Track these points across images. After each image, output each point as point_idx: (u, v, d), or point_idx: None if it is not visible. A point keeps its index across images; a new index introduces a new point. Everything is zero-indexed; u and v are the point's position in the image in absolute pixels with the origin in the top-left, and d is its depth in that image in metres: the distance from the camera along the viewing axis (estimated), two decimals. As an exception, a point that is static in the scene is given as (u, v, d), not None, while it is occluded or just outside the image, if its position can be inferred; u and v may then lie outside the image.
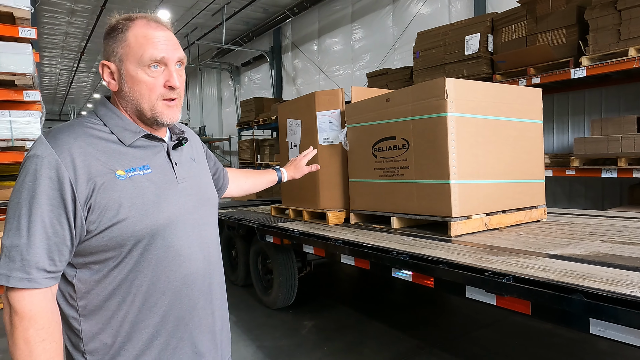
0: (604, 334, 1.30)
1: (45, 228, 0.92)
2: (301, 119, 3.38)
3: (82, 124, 1.03)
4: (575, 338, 3.07)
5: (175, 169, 1.10)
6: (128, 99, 1.05)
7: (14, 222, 0.93)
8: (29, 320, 0.92)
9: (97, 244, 0.97)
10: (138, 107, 1.05)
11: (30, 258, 0.91)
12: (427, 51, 5.60)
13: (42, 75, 17.47)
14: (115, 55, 1.04)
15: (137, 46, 1.02)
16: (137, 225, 0.98)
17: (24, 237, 0.91)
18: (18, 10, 4.17)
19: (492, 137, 2.54)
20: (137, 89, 1.03)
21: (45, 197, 0.92)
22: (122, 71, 1.04)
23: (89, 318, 1.00)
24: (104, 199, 0.96)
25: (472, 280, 1.66)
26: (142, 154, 1.05)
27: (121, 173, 0.99)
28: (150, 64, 1.02)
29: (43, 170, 0.93)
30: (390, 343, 3.15)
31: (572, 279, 1.45)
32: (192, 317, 1.09)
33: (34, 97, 4.23)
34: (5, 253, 0.92)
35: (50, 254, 0.93)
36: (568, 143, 5.46)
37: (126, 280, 1.00)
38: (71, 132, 0.99)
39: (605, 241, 2.11)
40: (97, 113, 1.08)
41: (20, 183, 0.94)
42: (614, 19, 4.01)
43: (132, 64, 1.02)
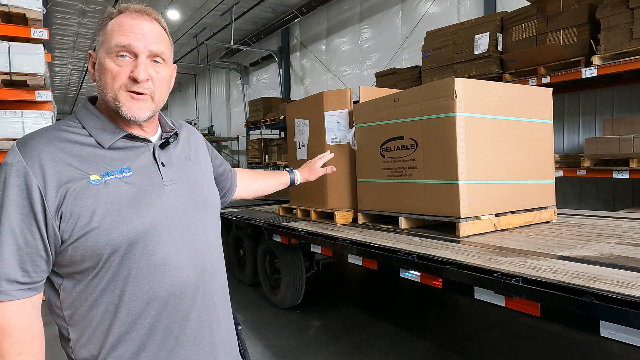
0: (614, 337, 1.28)
1: (16, 238, 0.88)
2: (309, 118, 3.38)
3: (56, 128, 0.97)
4: (585, 340, 3.03)
5: (162, 170, 1.03)
6: (99, 90, 1.00)
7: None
8: (3, 334, 0.88)
9: (73, 253, 0.92)
10: (104, 98, 0.98)
11: (1, 270, 0.87)
12: (436, 51, 5.57)
13: (54, 76, 17.68)
14: (97, 43, 1.01)
15: (110, 34, 0.98)
16: (111, 233, 0.92)
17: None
18: (30, 12, 4.23)
19: (501, 137, 2.52)
20: (103, 77, 0.97)
21: (14, 206, 0.88)
22: (97, 59, 1.00)
23: (76, 328, 0.96)
24: (76, 206, 0.90)
25: (480, 281, 1.65)
26: (122, 156, 0.99)
27: (95, 178, 0.93)
28: (117, 52, 0.96)
29: (11, 179, 0.89)
30: (398, 344, 3.14)
31: (583, 280, 1.44)
32: (183, 329, 1.01)
33: (45, 97, 4.29)
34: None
35: (22, 264, 0.89)
36: (579, 143, 5.40)
37: (107, 291, 0.94)
38: (42, 138, 0.94)
39: (617, 243, 2.08)
40: (76, 115, 1.02)
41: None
42: (626, 17, 3.96)
43: (103, 52, 0.98)
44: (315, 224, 3.19)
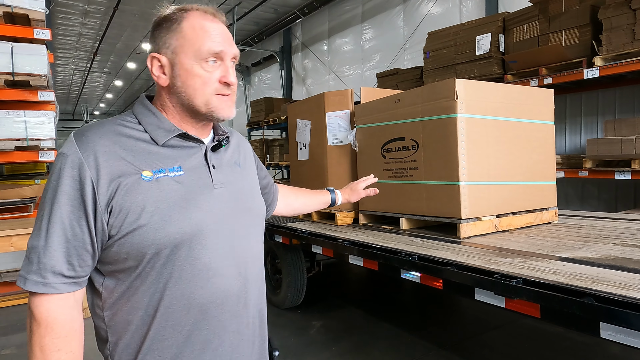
0: (615, 339, 1.28)
1: (65, 230, 0.87)
2: (311, 119, 3.38)
3: (113, 122, 0.97)
4: (587, 342, 3.03)
5: (212, 173, 1.00)
6: (180, 95, 0.97)
7: (37, 222, 0.89)
8: (46, 328, 0.86)
9: (118, 250, 0.90)
10: (191, 103, 0.97)
11: (47, 261, 0.86)
12: (438, 51, 5.57)
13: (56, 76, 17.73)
14: (168, 47, 0.96)
15: (194, 38, 0.95)
16: (158, 232, 0.89)
17: (42, 239, 0.87)
18: (33, 12, 4.25)
19: (502, 138, 2.52)
20: (191, 83, 0.95)
21: (66, 197, 0.87)
22: (175, 64, 0.96)
23: (115, 330, 0.94)
24: (126, 201, 0.88)
25: (480, 282, 1.66)
26: (175, 154, 0.97)
27: (148, 174, 0.91)
28: (207, 58, 0.95)
29: (66, 170, 0.88)
30: (398, 344, 3.14)
31: (583, 282, 1.44)
32: (222, 341, 0.97)
33: (48, 97, 4.30)
34: (26, 254, 0.89)
35: (69, 257, 0.87)
36: (581, 144, 5.39)
37: (147, 293, 0.92)
38: (98, 130, 0.93)
39: (618, 244, 2.08)
40: (133, 111, 1.01)
41: (47, 182, 0.90)
42: (629, 18, 3.95)
43: (188, 57, 0.95)
44: (317, 225, 3.19)
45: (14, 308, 4.15)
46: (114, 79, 19.28)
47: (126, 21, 11.62)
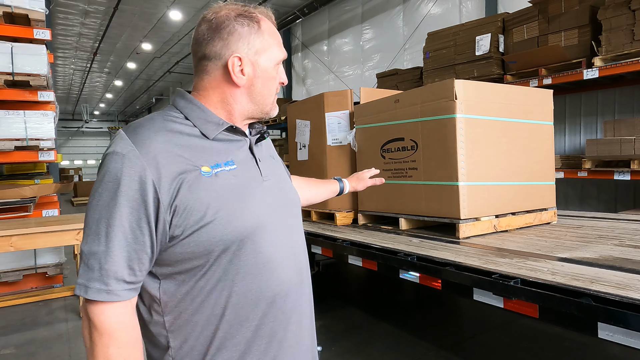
0: (612, 339, 1.28)
1: (125, 234, 0.82)
2: (310, 119, 3.39)
3: (161, 118, 0.93)
4: (587, 342, 3.03)
5: (260, 166, 1.00)
6: (254, 95, 0.99)
7: (92, 227, 0.83)
8: (109, 337, 0.82)
9: (182, 250, 0.86)
10: (261, 102, 1.00)
11: (109, 267, 0.82)
12: (438, 51, 5.57)
13: (56, 76, 17.74)
14: (252, 48, 0.96)
15: (272, 42, 0.98)
16: (226, 228, 0.87)
17: (102, 244, 0.82)
18: (33, 12, 4.26)
19: (501, 138, 2.52)
20: (268, 84, 0.99)
21: (125, 199, 0.82)
22: (257, 66, 0.97)
23: (178, 334, 0.90)
24: (190, 199, 0.85)
25: (479, 282, 1.66)
26: (225, 148, 0.95)
27: (206, 169, 0.88)
28: (279, 62, 1.01)
29: (124, 169, 0.83)
30: (398, 344, 3.15)
31: (581, 282, 1.44)
32: (286, 334, 0.96)
33: (47, 97, 4.31)
34: (84, 261, 0.83)
35: (130, 262, 0.83)
36: (580, 144, 5.40)
37: (214, 291, 0.89)
38: (152, 126, 0.89)
39: (616, 244, 2.08)
40: (176, 105, 0.97)
41: (99, 183, 0.84)
42: (628, 19, 3.96)
43: (269, 60, 0.98)
44: (316, 225, 3.19)
45: (13, 308, 4.15)
46: (114, 79, 19.28)
47: (126, 21, 11.63)
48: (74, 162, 32.97)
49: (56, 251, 4.64)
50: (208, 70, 0.97)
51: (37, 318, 3.86)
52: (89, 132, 34.09)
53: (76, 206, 14.10)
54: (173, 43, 13.58)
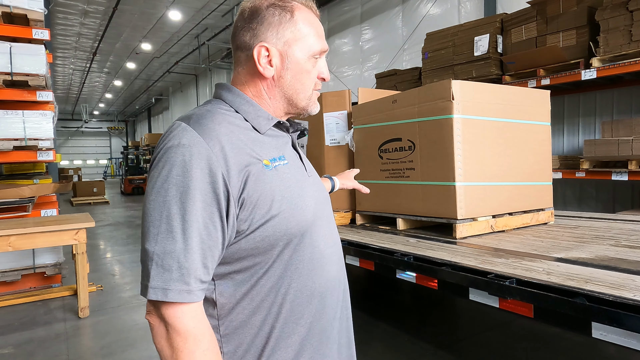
0: (606, 338, 1.29)
1: (200, 230, 0.78)
2: (308, 119, 3.39)
3: (218, 110, 0.89)
4: (583, 342, 3.04)
5: (304, 161, 1.00)
6: (285, 88, 0.94)
7: (162, 224, 0.77)
8: (194, 341, 0.77)
9: (246, 246, 0.83)
10: (294, 97, 0.95)
11: (189, 266, 0.77)
12: (436, 52, 5.58)
13: (55, 76, 17.74)
14: (280, 38, 0.91)
15: (307, 32, 0.93)
16: (290, 221, 0.85)
17: (179, 241, 0.76)
18: (32, 12, 4.26)
19: (498, 139, 2.53)
20: (300, 77, 0.94)
21: (198, 192, 0.78)
22: (287, 57, 0.92)
23: (232, 338, 0.86)
24: (256, 192, 0.82)
25: (475, 282, 1.67)
26: (276, 144, 0.93)
27: (267, 162, 0.86)
28: (316, 55, 0.94)
29: (193, 161, 0.78)
30: (395, 344, 3.15)
31: (576, 282, 1.45)
32: (332, 329, 0.95)
33: (46, 97, 4.31)
34: (156, 262, 0.77)
35: (204, 260, 0.79)
36: (578, 145, 5.40)
37: (274, 289, 0.86)
38: (214, 118, 0.86)
39: (612, 245, 2.09)
40: (224, 99, 0.94)
41: (164, 178, 0.79)
42: (626, 19, 3.97)
43: (302, 51, 0.93)
44: (314, 225, 3.20)
45: (11, 308, 4.15)
46: (114, 79, 19.29)
47: (125, 21, 11.63)
48: (73, 162, 32.99)
49: (55, 251, 4.64)
50: (240, 61, 0.96)
51: (36, 318, 3.86)
52: (89, 132, 34.08)
53: (75, 206, 14.09)
54: (172, 43, 13.59)
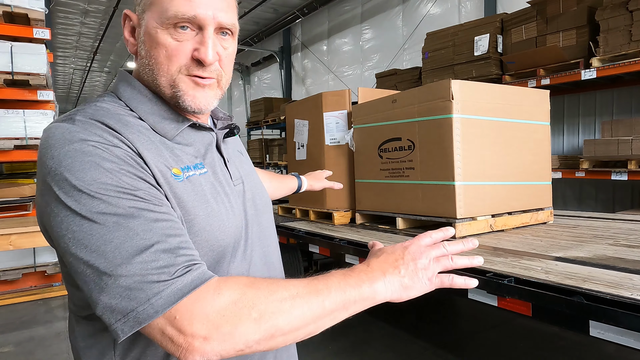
0: (603, 337, 1.30)
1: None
2: (308, 119, 3.40)
3: (111, 109, 0.74)
4: (582, 341, 3.05)
5: (229, 167, 0.85)
6: (146, 68, 0.76)
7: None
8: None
9: None
10: (155, 81, 0.76)
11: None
12: (436, 52, 5.59)
13: (56, 75, 17.75)
14: (139, 2, 0.75)
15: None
16: (201, 245, 0.73)
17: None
18: (32, 12, 4.27)
19: (498, 138, 2.53)
20: (154, 53, 0.74)
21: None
22: (139, 26, 0.76)
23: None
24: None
25: (474, 281, 1.67)
26: (190, 149, 0.79)
27: (177, 172, 0.73)
28: (176, 23, 0.72)
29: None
30: (395, 343, 3.16)
31: (574, 281, 1.45)
32: (264, 355, 0.87)
33: (47, 96, 4.33)
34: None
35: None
36: (578, 145, 5.41)
37: None
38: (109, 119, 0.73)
39: (611, 244, 2.10)
40: (118, 95, 0.78)
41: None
42: (626, 19, 3.97)
43: (153, 19, 0.73)
44: (314, 224, 3.21)
45: (12, 306, 4.17)
46: (114, 78, 19.30)
47: (126, 21, 11.63)
48: (73, 162, 32.99)
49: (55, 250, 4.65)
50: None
51: (36, 316, 3.88)
52: (89, 131, 34.07)
53: (76, 205, 14.10)
54: (173, 42, 13.56)
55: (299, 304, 0.65)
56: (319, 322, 0.67)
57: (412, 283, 0.74)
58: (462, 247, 0.80)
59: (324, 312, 0.67)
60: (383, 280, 0.72)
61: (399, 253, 0.77)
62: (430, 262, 0.76)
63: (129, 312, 0.60)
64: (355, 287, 0.71)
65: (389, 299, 0.73)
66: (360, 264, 0.76)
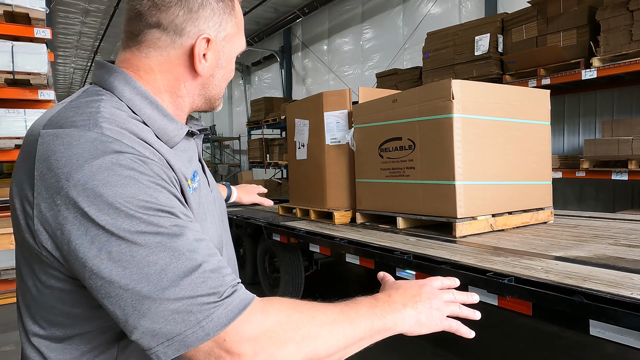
0: (603, 336, 1.30)
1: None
2: (309, 119, 3.40)
3: (130, 120, 0.70)
4: (582, 341, 3.05)
5: (207, 174, 0.88)
6: (210, 87, 0.80)
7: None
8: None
9: None
10: (216, 97, 0.83)
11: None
12: (437, 51, 5.59)
13: (56, 74, 17.75)
14: (222, 31, 0.77)
15: (241, 28, 0.82)
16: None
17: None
18: (33, 11, 4.28)
19: (498, 138, 2.54)
20: (228, 78, 0.83)
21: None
22: (223, 53, 0.79)
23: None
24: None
25: (474, 280, 1.68)
26: (187, 157, 0.80)
27: (190, 183, 0.74)
28: (239, 54, 0.84)
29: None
30: (394, 343, 3.16)
31: (574, 280, 1.46)
32: None
33: (48, 96, 4.33)
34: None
35: None
36: (579, 144, 5.41)
37: None
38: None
39: (611, 244, 2.10)
40: (118, 95, 0.72)
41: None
42: (626, 19, 3.97)
43: (233, 49, 0.81)
44: (314, 224, 3.21)
45: (13, 306, 4.16)
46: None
47: (127, 20, 11.63)
48: (74, 161, 32.97)
49: (56, 249, 4.66)
50: (160, 45, 0.74)
51: (37, 315, 3.89)
52: (90, 130, 34.05)
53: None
54: (173, 42, 13.56)
55: (335, 330, 0.67)
56: (348, 349, 0.69)
57: (426, 320, 0.78)
58: (466, 299, 0.85)
59: (354, 340, 0.69)
60: (403, 313, 0.76)
61: (416, 290, 0.81)
62: (442, 305, 0.80)
63: (175, 335, 0.58)
64: (381, 318, 0.73)
65: (405, 331, 0.77)
66: (381, 294, 0.82)
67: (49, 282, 0.67)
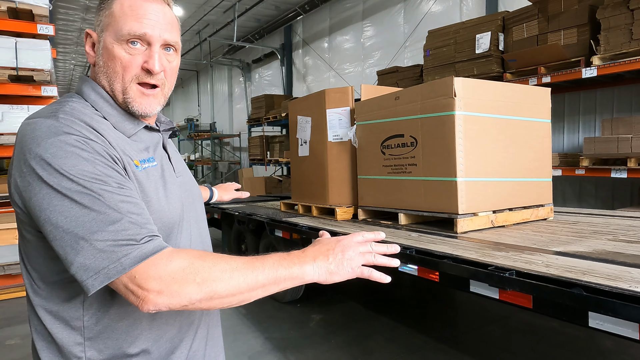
0: (602, 327, 1.34)
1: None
2: (311, 116, 3.43)
3: (87, 111, 0.90)
4: (582, 336, 3.09)
5: (172, 162, 1.04)
6: (103, 76, 0.93)
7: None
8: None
9: None
10: (112, 87, 0.93)
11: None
12: (438, 49, 5.61)
13: (57, 71, 17.73)
14: (99, 24, 0.93)
15: (120, 16, 0.90)
16: (156, 222, 0.88)
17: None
18: (37, 8, 4.29)
19: (499, 135, 2.57)
20: (112, 65, 0.91)
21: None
22: (100, 42, 0.93)
23: (97, 342, 0.89)
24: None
25: (476, 274, 1.71)
26: (143, 145, 0.97)
27: (137, 163, 0.90)
28: (129, 39, 0.89)
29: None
30: (396, 338, 3.20)
31: (573, 274, 1.49)
32: (200, 324, 1.03)
33: (51, 92, 4.35)
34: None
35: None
36: (579, 143, 5.44)
37: None
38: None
39: (610, 239, 2.14)
40: (85, 97, 0.94)
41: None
42: (626, 18, 4.00)
43: (111, 36, 0.90)
44: (316, 220, 3.24)
45: (18, 300, 4.21)
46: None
47: (127, 17, 11.62)
48: (74, 158, 32.93)
49: (59, 245, 4.69)
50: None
51: (41, 310, 3.92)
52: (89, 127, 33.99)
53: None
54: (174, 39, 13.55)
55: (236, 275, 0.80)
56: (252, 292, 0.82)
57: (337, 270, 0.90)
58: (386, 249, 0.96)
59: (256, 285, 0.82)
60: (312, 264, 0.88)
61: (332, 244, 0.92)
62: (356, 255, 0.91)
63: (101, 269, 0.75)
64: (287, 268, 0.85)
65: (316, 280, 0.89)
66: (297, 250, 0.92)
67: (27, 236, 0.87)
